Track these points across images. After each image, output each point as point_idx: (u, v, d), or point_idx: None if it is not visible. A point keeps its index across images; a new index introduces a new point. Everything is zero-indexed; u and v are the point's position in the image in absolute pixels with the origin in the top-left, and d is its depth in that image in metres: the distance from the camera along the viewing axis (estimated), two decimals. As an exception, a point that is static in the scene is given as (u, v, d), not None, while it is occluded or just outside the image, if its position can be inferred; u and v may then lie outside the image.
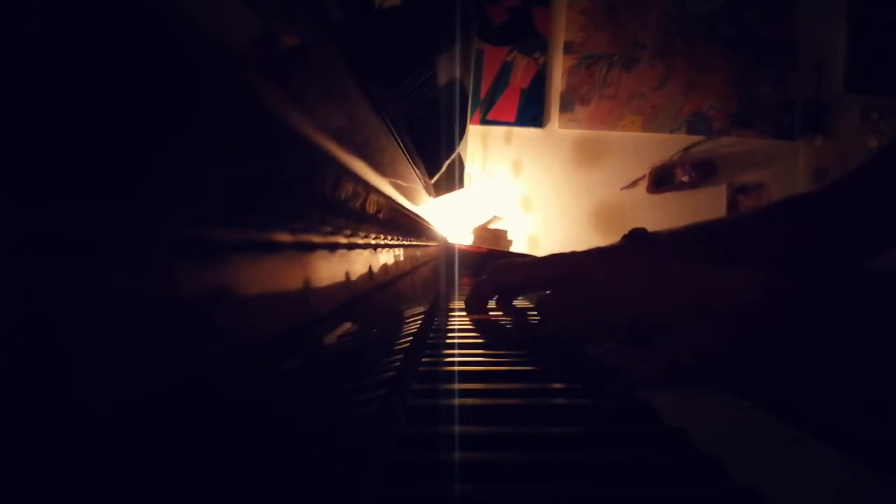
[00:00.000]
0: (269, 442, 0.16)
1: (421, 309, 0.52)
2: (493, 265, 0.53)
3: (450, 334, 0.47)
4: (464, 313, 0.61)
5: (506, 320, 0.52)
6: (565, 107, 2.18)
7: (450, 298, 0.72)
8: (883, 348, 0.30)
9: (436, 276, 0.80)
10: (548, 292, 0.45)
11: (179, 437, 0.11)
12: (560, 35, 2.17)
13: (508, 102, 2.18)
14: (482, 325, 0.50)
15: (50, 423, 0.08)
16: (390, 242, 0.39)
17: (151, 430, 0.10)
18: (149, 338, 0.11)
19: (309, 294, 0.21)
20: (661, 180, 2.15)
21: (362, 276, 0.29)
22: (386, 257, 0.37)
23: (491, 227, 2.09)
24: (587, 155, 2.20)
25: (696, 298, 0.34)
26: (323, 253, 0.23)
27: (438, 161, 0.80)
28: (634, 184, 2.18)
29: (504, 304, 0.53)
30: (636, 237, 0.50)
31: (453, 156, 0.90)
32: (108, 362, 0.09)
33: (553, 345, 0.41)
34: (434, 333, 0.47)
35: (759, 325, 0.33)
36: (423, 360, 0.37)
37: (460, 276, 0.92)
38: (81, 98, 0.09)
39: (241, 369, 0.15)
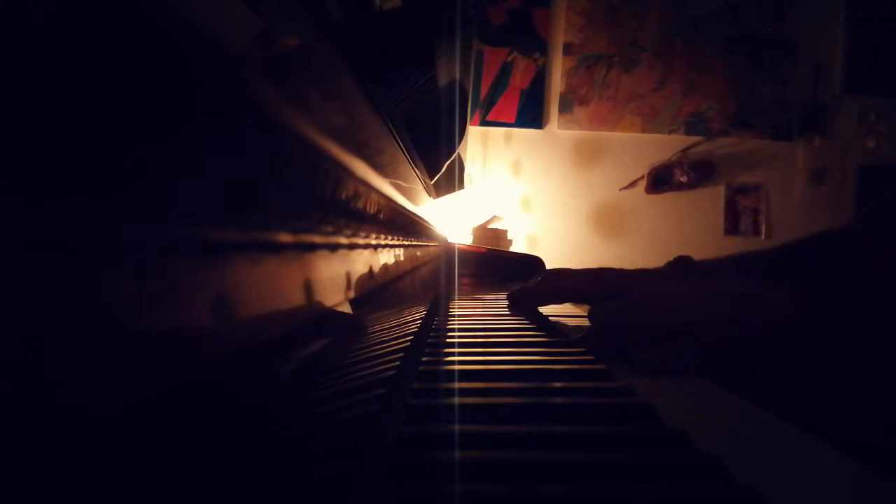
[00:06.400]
0: (268, 441, 0.16)
1: (421, 308, 0.52)
2: (546, 272, 0.57)
3: (450, 334, 0.47)
4: (464, 312, 0.61)
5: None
6: (565, 108, 2.18)
7: (450, 298, 0.72)
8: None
9: (436, 275, 0.80)
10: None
11: (178, 436, 0.11)
12: (559, 36, 2.17)
13: (508, 103, 2.18)
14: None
15: (49, 421, 0.08)
16: (391, 242, 0.39)
17: (149, 430, 0.10)
18: (151, 337, 0.11)
19: (310, 293, 0.21)
20: (659, 181, 2.16)
21: (363, 276, 0.29)
22: (386, 257, 0.37)
23: (491, 226, 2.10)
24: (586, 155, 2.20)
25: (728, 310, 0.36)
26: (324, 253, 0.23)
27: (438, 161, 0.80)
28: (633, 184, 2.18)
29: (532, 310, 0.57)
30: (682, 263, 0.51)
31: (453, 156, 0.90)
32: (115, 361, 0.09)
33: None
34: (434, 333, 0.47)
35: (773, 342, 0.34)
36: (423, 359, 0.37)
37: (460, 275, 0.92)
38: (85, 98, 0.09)
39: (241, 369, 0.15)
